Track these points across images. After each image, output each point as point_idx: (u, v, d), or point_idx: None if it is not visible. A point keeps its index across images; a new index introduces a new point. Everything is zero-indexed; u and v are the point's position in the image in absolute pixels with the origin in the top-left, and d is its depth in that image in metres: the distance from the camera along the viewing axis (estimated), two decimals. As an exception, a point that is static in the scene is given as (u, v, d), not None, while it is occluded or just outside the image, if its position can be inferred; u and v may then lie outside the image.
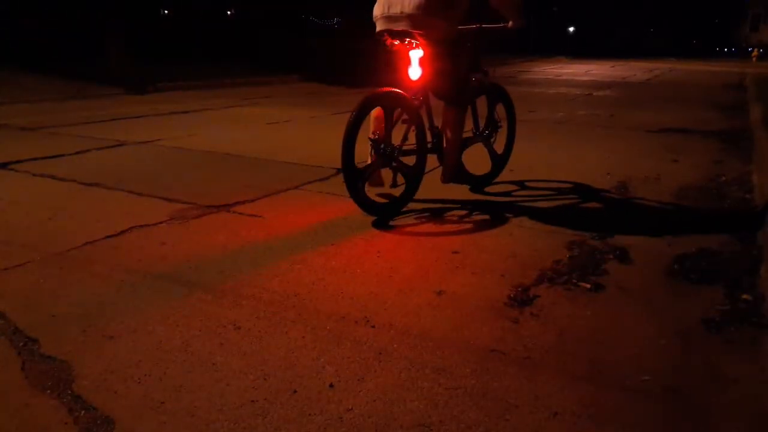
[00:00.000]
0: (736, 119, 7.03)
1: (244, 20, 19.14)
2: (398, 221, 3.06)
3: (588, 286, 2.28)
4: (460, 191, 3.63)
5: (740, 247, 2.71)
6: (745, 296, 2.19)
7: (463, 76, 3.30)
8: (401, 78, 3.13)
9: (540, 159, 4.64)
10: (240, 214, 3.17)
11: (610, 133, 6.04)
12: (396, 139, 3.12)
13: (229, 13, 19.59)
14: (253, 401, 1.56)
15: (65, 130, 5.79)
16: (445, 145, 3.34)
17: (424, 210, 3.27)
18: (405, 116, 3.12)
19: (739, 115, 7.36)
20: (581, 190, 3.75)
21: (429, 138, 3.29)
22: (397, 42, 3.09)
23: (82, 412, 1.50)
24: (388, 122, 3.05)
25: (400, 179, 3.20)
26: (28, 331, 1.89)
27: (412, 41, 3.03)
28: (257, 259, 2.53)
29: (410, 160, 3.19)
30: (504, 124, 3.79)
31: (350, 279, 2.34)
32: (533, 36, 28.25)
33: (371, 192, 3.17)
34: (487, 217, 3.17)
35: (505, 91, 3.75)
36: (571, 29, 32.84)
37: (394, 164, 3.12)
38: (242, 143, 5.20)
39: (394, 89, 3.04)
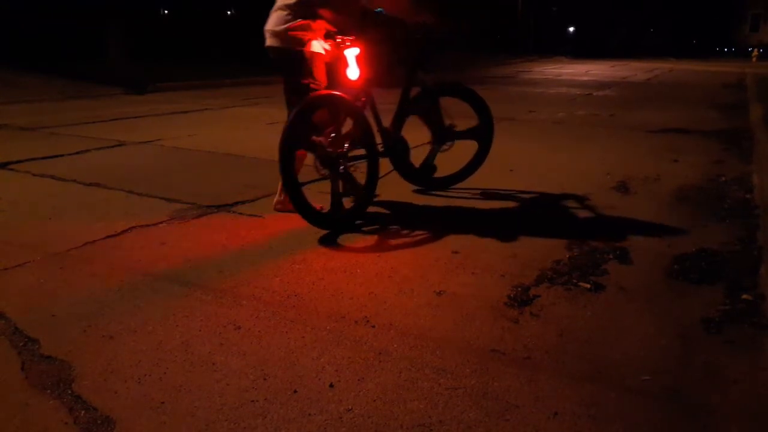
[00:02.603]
0: (736, 119, 7.03)
1: (244, 20, 19.14)
2: (398, 222, 3.06)
3: (588, 286, 2.28)
4: (459, 191, 3.63)
5: (740, 247, 2.71)
6: (745, 296, 2.19)
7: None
8: (339, 80, 2.94)
9: (540, 159, 4.64)
10: (240, 214, 3.17)
11: (610, 133, 6.03)
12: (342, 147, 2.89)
13: (229, 13, 19.57)
14: (253, 401, 1.56)
15: (65, 130, 5.79)
16: None
17: (423, 211, 3.27)
18: (350, 120, 2.91)
19: (739, 115, 7.36)
20: (581, 189, 3.75)
21: (379, 140, 3.10)
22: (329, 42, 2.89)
23: (82, 412, 1.50)
24: (329, 128, 2.86)
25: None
26: (28, 331, 1.89)
27: (346, 39, 2.85)
28: (257, 259, 2.53)
29: (361, 167, 2.96)
30: (477, 122, 3.52)
31: (350, 279, 2.34)
32: (533, 36, 28.28)
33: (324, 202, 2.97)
34: (486, 217, 3.16)
35: (465, 87, 3.53)
36: (571, 29, 32.83)
37: (341, 170, 2.86)
38: (242, 143, 5.20)
39: (334, 92, 2.87)
